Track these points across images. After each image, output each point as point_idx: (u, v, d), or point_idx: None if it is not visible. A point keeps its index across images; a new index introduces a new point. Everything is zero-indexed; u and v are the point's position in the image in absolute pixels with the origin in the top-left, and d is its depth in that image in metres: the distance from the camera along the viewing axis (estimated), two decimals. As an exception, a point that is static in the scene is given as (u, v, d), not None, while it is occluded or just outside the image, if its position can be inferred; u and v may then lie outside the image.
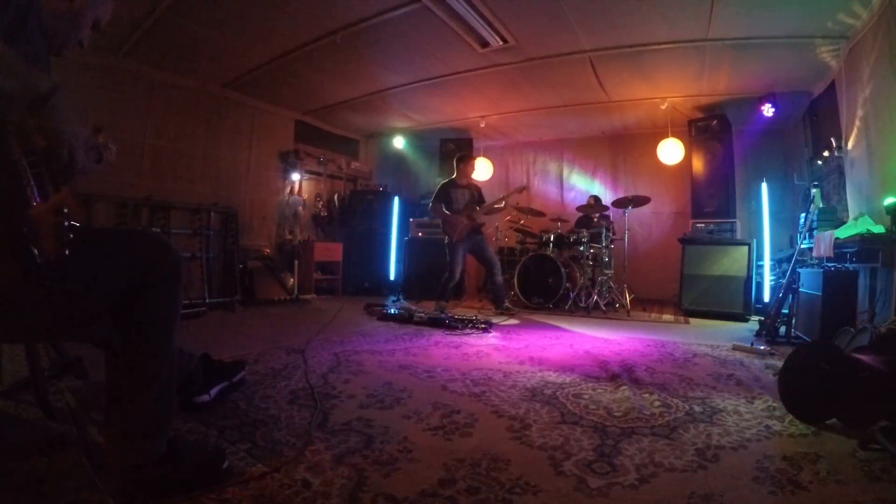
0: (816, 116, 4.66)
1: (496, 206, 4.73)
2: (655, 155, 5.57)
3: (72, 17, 1.14)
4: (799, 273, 3.39)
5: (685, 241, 4.91)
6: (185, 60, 4.34)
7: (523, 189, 5.02)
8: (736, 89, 4.78)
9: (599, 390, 2.07)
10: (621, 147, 6.58)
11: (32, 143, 0.89)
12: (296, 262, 5.54)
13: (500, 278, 4.63)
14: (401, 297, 5.61)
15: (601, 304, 4.78)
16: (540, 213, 5.62)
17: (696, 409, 1.82)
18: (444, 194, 4.66)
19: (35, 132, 0.89)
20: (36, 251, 0.86)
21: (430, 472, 1.26)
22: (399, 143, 6.85)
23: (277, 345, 2.84)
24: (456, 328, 3.53)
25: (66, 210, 0.94)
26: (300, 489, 1.15)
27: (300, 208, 5.81)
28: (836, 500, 1.16)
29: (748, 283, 4.45)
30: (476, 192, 4.76)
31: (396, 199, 6.67)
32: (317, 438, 1.46)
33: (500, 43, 3.95)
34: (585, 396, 1.97)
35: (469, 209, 4.60)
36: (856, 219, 3.01)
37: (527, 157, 7.17)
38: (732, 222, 5.04)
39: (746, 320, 4.33)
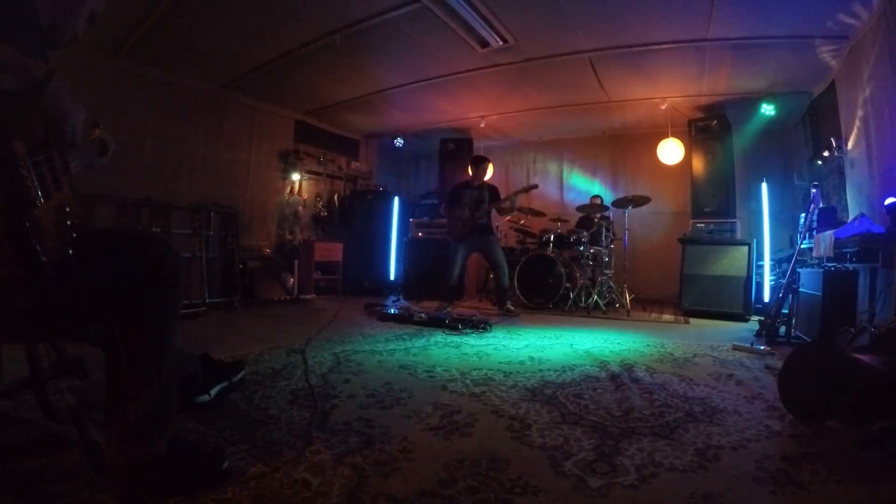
0: (816, 116, 4.66)
1: (504, 205, 4.71)
2: (655, 155, 5.57)
3: (67, 10, 1.13)
4: (799, 273, 3.39)
5: (685, 241, 4.91)
6: (184, 60, 4.34)
7: (532, 188, 4.97)
8: (736, 89, 4.78)
9: (599, 390, 2.07)
10: (621, 147, 6.58)
11: (34, 140, 0.88)
12: (296, 262, 5.54)
13: (506, 282, 4.63)
14: (401, 297, 5.61)
15: (601, 304, 4.78)
16: (540, 213, 5.62)
17: (696, 409, 1.82)
18: (455, 195, 4.72)
19: (36, 127, 0.88)
20: (39, 250, 0.86)
21: (430, 472, 1.26)
22: (399, 143, 6.85)
23: (277, 345, 2.83)
24: (456, 328, 3.53)
25: (68, 209, 0.94)
26: (300, 489, 1.15)
27: (300, 208, 5.81)
28: (836, 500, 1.16)
29: (748, 283, 4.45)
30: (489, 192, 4.74)
31: (396, 199, 6.68)
32: (317, 438, 1.46)
33: (500, 43, 3.95)
34: (585, 396, 1.97)
35: (474, 209, 4.60)
36: (856, 219, 3.01)
37: (527, 157, 7.18)
38: (732, 222, 5.04)
39: (746, 320, 4.32)
